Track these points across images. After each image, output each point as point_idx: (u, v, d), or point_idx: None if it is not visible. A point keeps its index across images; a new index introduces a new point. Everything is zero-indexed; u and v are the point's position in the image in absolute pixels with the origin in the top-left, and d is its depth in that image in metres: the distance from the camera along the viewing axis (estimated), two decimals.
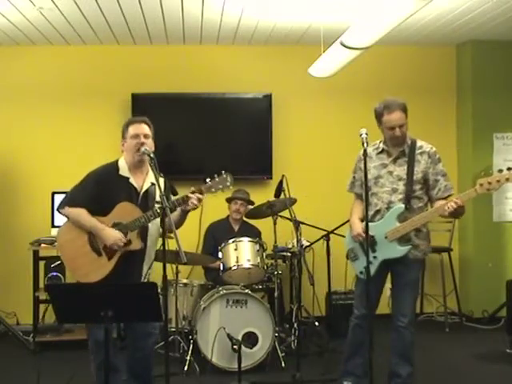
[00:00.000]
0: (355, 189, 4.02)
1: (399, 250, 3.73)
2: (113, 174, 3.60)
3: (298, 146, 6.20)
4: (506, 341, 5.01)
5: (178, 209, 3.56)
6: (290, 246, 5.40)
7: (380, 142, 3.92)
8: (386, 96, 3.98)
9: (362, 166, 3.83)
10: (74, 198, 3.60)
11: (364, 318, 3.86)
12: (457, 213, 3.62)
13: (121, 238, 3.48)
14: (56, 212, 5.37)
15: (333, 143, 6.16)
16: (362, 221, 3.86)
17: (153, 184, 3.60)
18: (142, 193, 3.60)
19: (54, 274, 5.33)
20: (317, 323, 5.38)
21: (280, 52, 6.17)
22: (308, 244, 5.32)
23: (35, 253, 5.35)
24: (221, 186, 3.50)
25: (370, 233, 3.68)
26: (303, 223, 4.81)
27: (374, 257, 3.78)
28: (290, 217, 4.61)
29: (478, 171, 6.02)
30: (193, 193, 3.46)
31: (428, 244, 3.88)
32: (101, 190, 3.55)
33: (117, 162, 3.66)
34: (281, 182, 4.74)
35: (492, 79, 6.12)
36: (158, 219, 3.44)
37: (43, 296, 5.19)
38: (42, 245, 5.27)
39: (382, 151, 3.88)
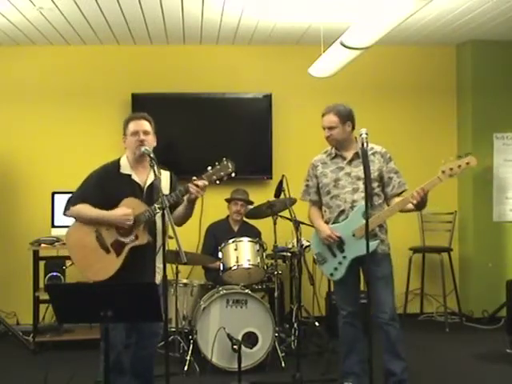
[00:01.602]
0: (310, 196, 4.10)
1: (369, 246, 3.75)
2: (114, 172, 3.60)
3: (297, 146, 6.19)
4: (506, 341, 5.00)
5: (184, 203, 3.54)
6: (290, 246, 5.40)
7: (331, 148, 4.04)
8: (386, 96, 4.01)
9: (317, 172, 4.04)
10: (76, 198, 3.59)
11: (352, 315, 3.96)
12: (421, 202, 3.67)
13: (126, 212, 3.45)
14: (56, 212, 5.48)
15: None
16: (327, 223, 3.97)
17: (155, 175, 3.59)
18: (146, 188, 3.59)
19: (54, 273, 5.33)
20: (317, 323, 5.38)
21: (280, 52, 6.17)
22: (308, 244, 5.30)
23: (35, 253, 5.35)
24: (222, 173, 3.44)
25: (338, 234, 3.85)
26: (303, 223, 4.80)
27: (344, 257, 3.87)
28: (290, 217, 4.61)
29: (478, 171, 6.03)
30: (194, 180, 3.40)
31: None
32: (103, 189, 3.55)
33: (118, 160, 3.66)
34: (281, 182, 4.74)
35: (492, 79, 6.12)
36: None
37: (43, 296, 5.19)
38: (42, 245, 5.28)
39: (336, 156, 4.00)
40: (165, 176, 3.61)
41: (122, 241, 3.50)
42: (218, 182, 3.44)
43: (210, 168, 3.46)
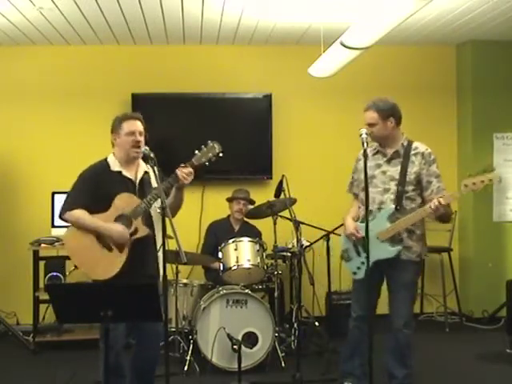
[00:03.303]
0: (353, 189, 4.05)
1: (390, 251, 3.72)
2: (104, 170, 3.61)
3: (298, 146, 6.20)
4: (506, 341, 5.00)
5: (172, 192, 3.56)
6: (290, 246, 5.39)
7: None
8: (386, 96, 3.98)
9: (359, 166, 3.91)
10: (71, 202, 3.58)
11: (361, 319, 3.88)
12: (441, 213, 3.59)
13: (124, 230, 3.47)
14: (56, 212, 5.45)
15: (333, 143, 6.17)
16: (356, 220, 3.90)
17: (146, 172, 3.65)
18: (137, 183, 3.61)
19: (54, 273, 5.33)
20: (317, 323, 5.37)
21: (280, 52, 6.17)
22: (308, 244, 5.32)
23: (35, 253, 5.35)
24: (210, 155, 3.49)
25: (362, 233, 3.73)
26: (303, 223, 4.81)
27: (366, 257, 3.78)
28: (290, 217, 4.61)
29: (477, 171, 6.02)
30: (182, 167, 3.45)
31: (423, 246, 3.84)
32: (96, 187, 3.55)
33: (105, 159, 3.66)
34: (281, 182, 4.73)
35: (492, 79, 6.12)
36: (157, 203, 3.44)
37: (43, 296, 5.18)
38: (42, 245, 5.28)
39: (378, 152, 3.89)
40: (151, 170, 3.58)
41: None
42: (207, 163, 3.51)
43: (197, 151, 3.51)
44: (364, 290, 3.72)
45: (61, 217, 3.61)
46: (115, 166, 3.62)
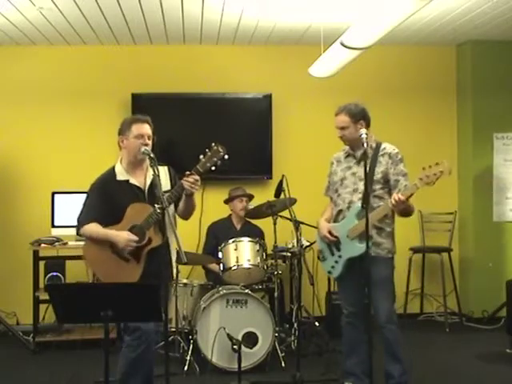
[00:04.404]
0: (329, 192, 4.13)
1: (359, 248, 3.76)
2: (112, 181, 3.57)
3: (297, 146, 6.20)
4: (506, 341, 5.01)
5: (183, 198, 3.54)
6: (290, 246, 5.39)
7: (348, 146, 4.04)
8: (386, 96, 4.00)
9: (332, 169, 4.08)
10: (85, 218, 3.59)
11: (353, 315, 3.95)
12: (401, 209, 3.67)
13: (130, 238, 3.46)
14: (56, 212, 5.48)
15: (333, 143, 6.10)
16: (329, 221, 4.01)
17: (156, 175, 3.60)
18: (147, 189, 3.58)
19: (54, 273, 5.33)
20: (317, 323, 5.38)
21: (280, 52, 6.17)
22: (308, 244, 5.31)
23: (35, 253, 5.35)
24: (215, 159, 3.43)
25: (336, 234, 3.88)
26: (303, 223, 4.80)
27: (339, 256, 3.89)
28: (290, 217, 4.61)
29: (478, 171, 6.05)
30: (187, 176, 3.41)
31: (393, 243, 3.92)
32: (106, 200, 3.53)
33: (113, 168, 3.63)
34: (281, 182, 4.73)
35: (492, 79, 6.12)
36: (169, 208, 3.41)
37: (43, 296, 5.18)
38: (42, 245, 5.28)
39: (349, 155, 4.00)
40: (163, 171, 3.58)
41: (138, 247, 3.50)
42: (213, 168, 3.44)
43: (202, 157, 3.46)
44: (347, 287, 3.91)
45: (78, 234, 3.65)
46: (121, 175, 3.58)
